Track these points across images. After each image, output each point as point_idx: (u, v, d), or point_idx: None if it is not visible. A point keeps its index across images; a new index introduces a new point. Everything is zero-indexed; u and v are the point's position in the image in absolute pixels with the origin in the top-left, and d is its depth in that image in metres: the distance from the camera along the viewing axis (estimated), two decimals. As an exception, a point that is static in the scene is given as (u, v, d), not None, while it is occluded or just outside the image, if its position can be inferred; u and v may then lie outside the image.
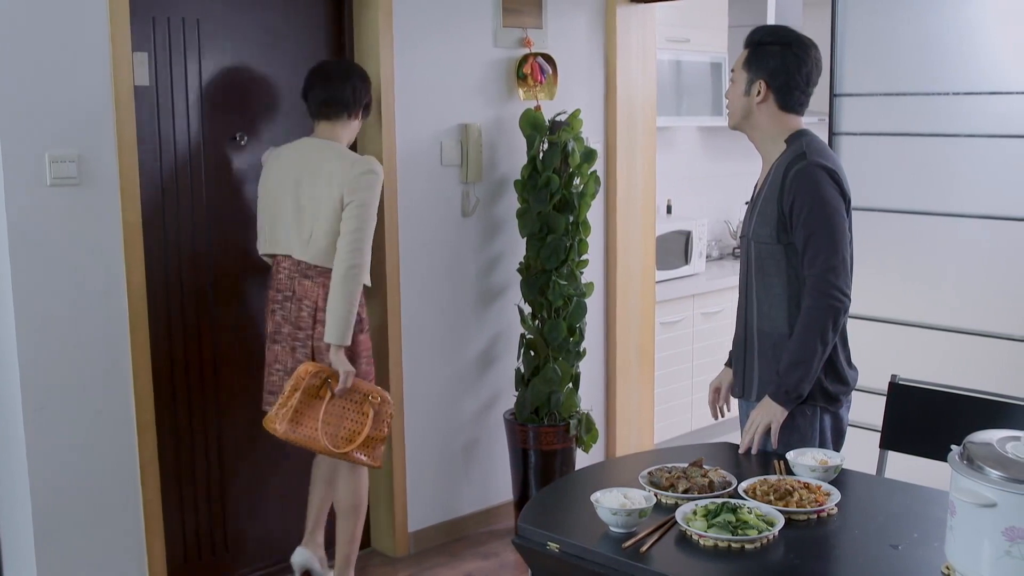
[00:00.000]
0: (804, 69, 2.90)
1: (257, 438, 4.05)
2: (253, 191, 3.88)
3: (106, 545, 3.55)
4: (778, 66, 2.89)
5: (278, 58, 4.00)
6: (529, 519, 2.47)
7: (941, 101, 4.01)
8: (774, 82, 2.89)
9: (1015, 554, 1.89)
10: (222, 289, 3.92)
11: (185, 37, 3.74)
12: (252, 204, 3.86)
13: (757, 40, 2.95)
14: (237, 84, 3.90)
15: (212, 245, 3.89)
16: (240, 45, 3.89)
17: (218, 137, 3.87)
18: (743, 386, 3.02)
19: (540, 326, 4.43)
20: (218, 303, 3.92)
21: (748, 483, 2.52)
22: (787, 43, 2.91)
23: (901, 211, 4.15)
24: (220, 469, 3.99)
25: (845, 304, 2.79)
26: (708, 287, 5.75)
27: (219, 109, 3.85)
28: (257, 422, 3.80)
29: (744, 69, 2.94)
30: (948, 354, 4.04)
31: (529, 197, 4.38)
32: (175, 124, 3.74)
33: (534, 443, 4.41)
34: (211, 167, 3.86)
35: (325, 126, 3.67)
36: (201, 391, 3.90)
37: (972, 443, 2.04)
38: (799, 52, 2.90)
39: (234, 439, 4.02)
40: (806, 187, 2.79)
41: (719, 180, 6.50)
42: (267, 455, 4.12)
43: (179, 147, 3.76)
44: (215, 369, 3.93)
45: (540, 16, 4.66)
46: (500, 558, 4.41)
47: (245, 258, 3.96)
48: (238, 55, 3.88)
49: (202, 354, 3.89)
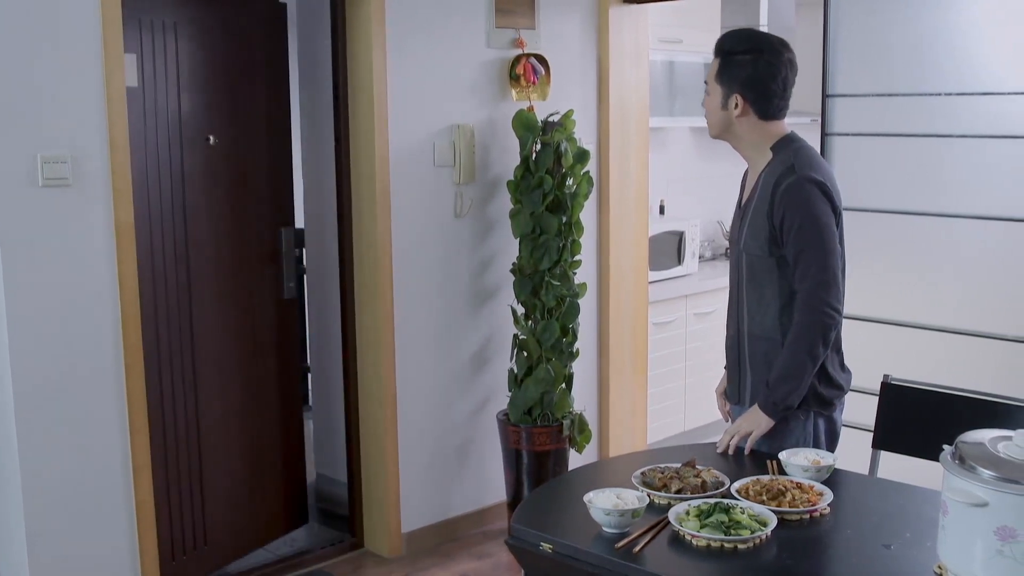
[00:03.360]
0: (779, 76, 2.84)
1: (248, 440, 4.05)
2: (241, 192, 3.87)
3: (98, 545, 3.54)
4: (751, 77, 2.82)
5: (269, 60, 3.99)
6: (522, 520, 2.47)
7: (933, 102, 4.02)
8: (750, 94, 2.83)
9: (1007, 553, 1.89)
10: (215, 289, 3.92)
11: (176, 39, 3.73)
12: (239, 205, 3.85)
13: (727, 49, 2.87)
14: (224, 86, 3.89)
15: (198, 245, 3.87)
16: (227, 47, 3.88)
17: (202, 138, 3.85)
18: (738, 392, 3.02)
19: (533, 326, 4.43)
20: (211, 303, 3.91)
21: (741, 483, 2.52)
22: (758, 51, 2.84)
23: (894, 211, 4.16)
24: (213, 469, 3.98)
25: (836, 320, 2.79)
26: (701, 287, 5.75)
27: (205, 111, 3.84)
28: (248, 424, 3.80)
29: (717, 82, 2.88)
30: (940, 354, 4.05)
31: (522, 198, 4.38)
32: (159, 125, 3.73)
33: (527, 444, 4.41)
34: (196, 169, 3.84)
35: None
36: (194, 391, 3.90)
37: (964, 443, 2.04)
38: (771, 59, 2.83)
39: (226, 441, 4.01)
40: (796, 203, 2.77)
41: (712, 181, 6.50)
42: (259, 458, 4.11)
43: (164, 148, 3.75)
44: (208, 369, 3.93)
45: (533, 17, 4.65)
46: (494, 559, 4.40)
47: (238, 258, 3.96)
48: (226, 57, 3.88)
49: (195, 355, 3.89)
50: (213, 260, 3.97)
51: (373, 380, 4.32)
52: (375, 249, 4.21)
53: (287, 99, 4.24)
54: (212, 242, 3.95)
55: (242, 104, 4.02)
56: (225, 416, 4.04)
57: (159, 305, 3.77)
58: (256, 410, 4.20)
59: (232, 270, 4.04)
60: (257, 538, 4.25)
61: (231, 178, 3.98)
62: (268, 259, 4.19)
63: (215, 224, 3.95)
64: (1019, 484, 1.89)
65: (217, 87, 3.94)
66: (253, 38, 4.03)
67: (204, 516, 4.02)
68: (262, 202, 4.15)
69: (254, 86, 4.06)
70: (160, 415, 3.80)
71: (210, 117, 3.91)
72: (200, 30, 3.84)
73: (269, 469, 4.27)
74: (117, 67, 3.44)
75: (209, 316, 3.97)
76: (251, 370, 4.16)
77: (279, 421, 4.30)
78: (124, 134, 3.48)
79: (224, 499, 4.09)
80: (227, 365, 4.01)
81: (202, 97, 3.88)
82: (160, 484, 3.79)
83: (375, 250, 4.21)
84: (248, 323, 4.13)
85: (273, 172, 4.19)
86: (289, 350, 4.33)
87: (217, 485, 4.06)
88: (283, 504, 4.36)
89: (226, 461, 4.08)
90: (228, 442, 4.06)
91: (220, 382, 4.00)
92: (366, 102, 4.16)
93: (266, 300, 4.19)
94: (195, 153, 3.87)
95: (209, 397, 3.99)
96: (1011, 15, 3.83)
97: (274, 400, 4.28)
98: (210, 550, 4.05)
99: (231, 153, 3.96)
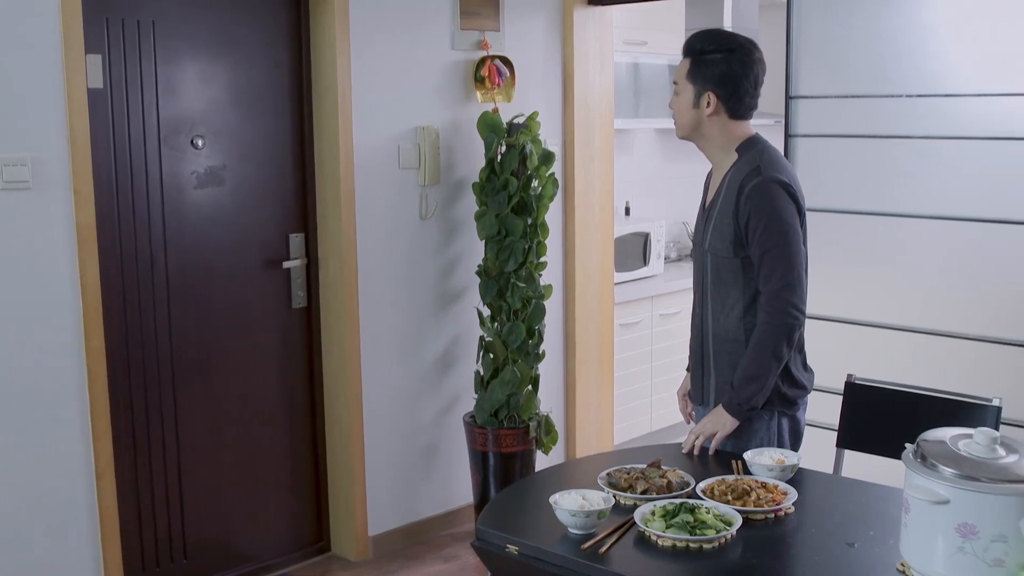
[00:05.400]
0: (751, 74, 2.87)
1: (216, 445, 4.02)
2: (212, 194, 3.85)
3: (61, 555, 3.50)
4: (724, 75, 2.85)
5: (234, 61, 3.97)
6: (488, 522, 2.47)
7: (895, 103, 4.05)
8: (723, 92, 2.86)
9: (968, 550, 1.91)
10: (179, 292, 3.89)
11: (140, 39, 3.70)
12: (210, 207, 3.83)
13: (699, 49, 2.89)
14: (193, 87, 3.86)
15: (168, 248, 3.85)
16: (196, 47, 3.85)
17: (173, 140, 3.83)
18: (701, 392, 3.03)
19: (499, 328, 4.43)
20: (175, 307, 3.88)
21: (706, 483, 2.53)
22: (730, 49, 2.86)
23: (856, 212, 4.19)
24: (179, 476, 3.95)
25: (800, 320, 2.81)
26: (667, 288, 5.77)
27: (175, 112, 3.82)
28: (216, 427, 3.77)
29: (688, 80, 2.89)
30: (903, 353, 4.09)
31: (487, 200, 4.38)
32: (130, 127, 3.70)
33: (493, 445, 4.41)
34: (167, 170, 3.82)
35: None
36: (158, 396, 3.86)
37: (925, 441, 2.06)
38: (743, 58, 2.86)
39: (193, 445, 3.98)
40: (762, 204, 2.79)
41: (677, 182, 6.52)
42: (227, 461, 4.08)
43: (134, 150, 3.72)
44: (172, 374, 3.90)
45: (497, 19, 4.65)
46: (461, 560, 4.40)
47: (202, 261, 3.93)
48: (193, 57, 3.85)
49: (159, 358, 3.85)
50: (201, 265, 3.94)
51: (339, 382, 4.30)
52: (340, 251, 4.19)
53: (286, 99, 4.20)
54: (199, 247, 3.92)
55: (234, 105, 3.99)
56: (211, 426, 4.03)
57: (130, 309, 3.74)
58: (250, 422, 4.17)
59: (222, 275, 4.01)
60: (248, 556, 4.22)
61: (221, 182, 3.95)
62: (264, 265, 4.17)
63: (203, 228, 3.92)
64: (979, 481, 1.91)
65: (205, 88, 3.90)
66: (243, 37, 4.00)
67: (184, 530, 3.99)
68: (262, 207, 4.13)
69: (249, 86, 4.02)
70: (129, 422, 3.77)
71: (195, 119, 3.88)
72: (184, 29, 3.80)
73: (267, 486, 4.25)
74: (78, 68, 3.41)
75: (193, 321, 3.94)
76: (245, 379, 4.14)
77: (274, 436, 4.28)
78: (86, 136, 3.45)
79: (210, 513, 4.07)
80: (203, 371, 3.97)
81: (187, 99, 3.85)
82: (128, 493, 3.76)
83: (340, 252, 4.19)
84: (241, 329, 4.11)
85: (276, 175, 4.17)
86: (291, 359, 4.30)
87: (202, 499, 4.03)
88: (285, 523, 4.34)
89: (214, 475, 4.06)
90: (207, 452, 4.04)
91: (199, 388, 3.97)
92: (330, 104, 4.14)
93: (259, 306, 4.16)
94: (178, 156, 3.84)
95: (191, 406, 3.96)
96: (969, 18, 3.87)
97: (270, 412, 4.25)
98: (190, 565, 4.02)
99: (220, 155, 3.92)
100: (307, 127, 4.22)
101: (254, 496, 4.19)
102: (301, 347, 4.31)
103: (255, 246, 4.11)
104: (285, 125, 4.16)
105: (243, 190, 4.04)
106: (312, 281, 4.30)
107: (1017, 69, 3.75)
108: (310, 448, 4.40)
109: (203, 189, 3.91)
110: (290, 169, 4.19)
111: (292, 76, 4.17)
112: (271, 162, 4.12)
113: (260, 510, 4.22)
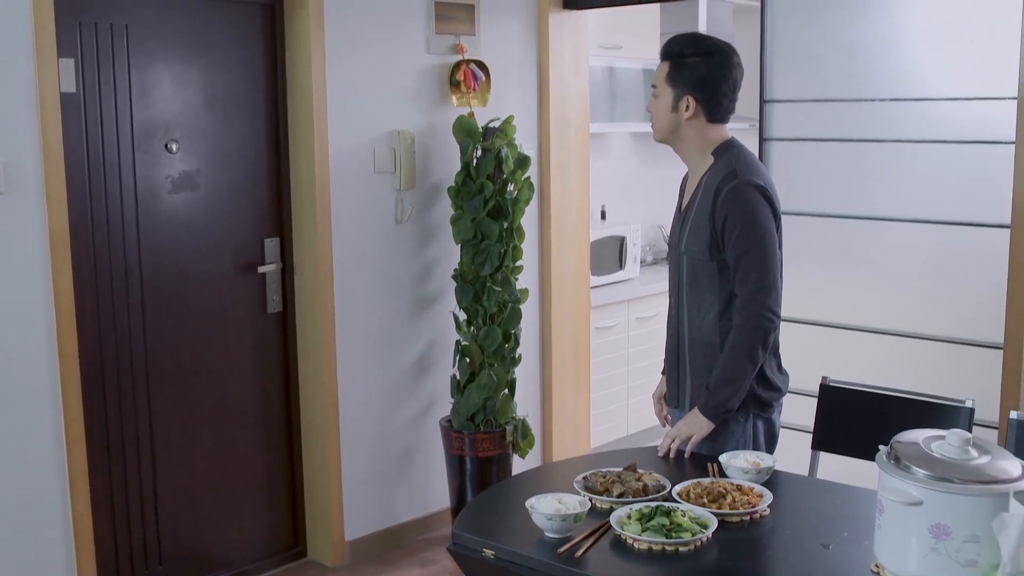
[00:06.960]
0: (730, 78, 2.89)
1: (192, 450, 4.00)
2: (186, 198, 3.83)
3: (34, 563, 3.48)
4: (704, 79, 2.87)
5: (209, 64, 3.95)
6: (464, 526, 2.47)
7: (868, 107, 4.08)
8: (702, 95, 2.88)
9: (941, 551, 1.92)
10: (154, 298, 3.86)
11: (114, 43, 3.68)
12: (184, 212, 3.81)
13: (678, 52, 2.91)
14: (167, 91, 3.85)
15: (143, 254, 3.83)
16: (170, 51, 3.84)
17: (147, 144, 3.81)
18: (677, 395, 3.04)
19: (475, 332, 4.42)
20: (149, 312, 3.86)
21: (682, 486, 2.54)
22: (708, 53, 2.89)
23: (830, 215, 4.22)
24: (154, 482, 3.92)
25: (775, 323, 2.83)
26: (643, 292, 5.79)
27: (148, 116, 3.80)
28: (192, 433, 3.75)
29: (668, 84, 2.91)
30: (877, 356, 4.11)
31: (463, 204, 4.37)
32: (103, 131, 3.68)
33: (470, 449, 4.40)
34: (141, 174, 3.80)
35: None
36: (133, 402, 3.84)
37: (899, 443, 2.07)
38: (722, 61, 2.89)
39: (168, 451, 3.96)
40: (738, 207, 2.80)
41: (653, 185, 6.54)
42: (202, 467, 4.06)
43: (108, 154, 3.70)
44: (147, 379, 3.87)
45: (473, 23, 4.65)
46: (438, 565, 4.39)
47: (177, 266, 3.91)
48: (167, 61, 3.83)
49: (134, 364, 3.83)
50: (176, 270, 3.92)
51: (315, 387, 4.29)
52: (316, 256, 4.18)
53: (261, 103, 4.18)
54: (173, 251, 3.90)
55: (208, 109, 3.97)
56: (186, 432, 4.00)
57: (104, 314, 3.71)
58: (225, 427, 4.15)
59: (197, 279, 3.98)
60: (224, 562, 4.20)
61: (196, 186, 3.93)
62: (240, 270, 4.14)
63: (177, 233, 3.90)
64: (952, 483, 1.92)
65: (180, 92, 3.88)
66: (218, 41, 3.98)
67: (159, 536, 3.96)
68: (236, 212, 4.11)
69: (224, 91, 4.01)
70: (104, 428, 3.75)
71: (170, 123, 3.85)
72: (157, 33, 3.78)
73: (243, 491, 4.22)
74: (50, 72, 3.39)
75: (168, 326, 3.92)
76: (220, 384, 4.12)
77: (250, 441, 4.26)
78: (59, 141, 3.42)
79: (186, 520, 4.05)
80: (177, 376, 3.95)
81: (161, 103, 3.83)
82: (102, 500, 3.73)
83: (316, 257, 4.18)
84: (217, 334, 4.08)
85: (251, 179, 4.15)
86: (267, 364, 4.28)
87: (178, 505, 4.01)
88: (261, 529, 4.32)
89: (189, 481, 4.04)
90: (182, 458, 4.02)
91: (173, 393, 3.95)
92: (305, 108, 4.13)
93: (234, 312, 4.14)
94: (152, 160, 3.82)
95: (165, 411, 3.93)
96: (941, 24, 3.91)
97: (245, 418, 4.22)
98: (166, 571, 4.00)
99: (195, 160, 3.90)
100: (282, 131, 4.21)
101: (230, 501, 4.17)
102: (277, 352, 4.30)
103: (230, 251, 4.10)
104: (260, 129, 4.15)
105: (218, 194, 4.02)
106: (287, 285, 4.29)
107: (987, 73, 3.79)
108: (286, 453, 4.38)
109: (177, 194, 3.90)
110: (265, 173, 4.18)
111: (267, 80, 4.15)
112: (246, 166, 4.11)
113: (236, 515, 4.21)
